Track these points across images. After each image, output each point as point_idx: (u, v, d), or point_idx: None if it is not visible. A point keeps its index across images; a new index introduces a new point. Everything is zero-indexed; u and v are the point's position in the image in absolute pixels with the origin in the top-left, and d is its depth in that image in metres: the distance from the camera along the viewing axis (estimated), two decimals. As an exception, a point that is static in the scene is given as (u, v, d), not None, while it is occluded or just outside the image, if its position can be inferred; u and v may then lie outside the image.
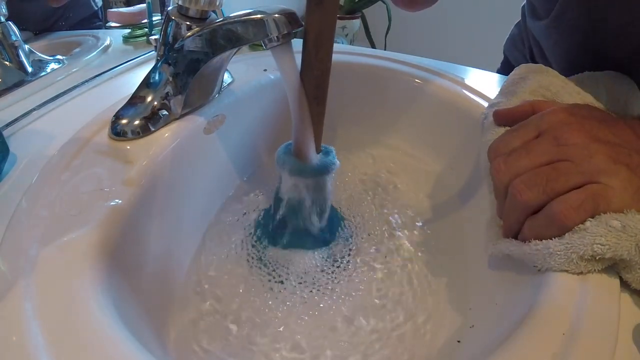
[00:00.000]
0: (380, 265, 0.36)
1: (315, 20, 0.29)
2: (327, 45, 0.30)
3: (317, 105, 0.32)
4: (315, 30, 0.29)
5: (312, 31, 0.29)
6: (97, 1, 0.50)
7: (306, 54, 0.30)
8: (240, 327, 0.30)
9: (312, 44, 0.29)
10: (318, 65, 0.30)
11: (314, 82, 0.31)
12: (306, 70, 0.30)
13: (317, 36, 0.29)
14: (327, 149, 0.35)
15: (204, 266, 0.34)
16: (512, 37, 0.58)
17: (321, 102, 0.32)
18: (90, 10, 0.50)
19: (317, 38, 0.29)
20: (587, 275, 0.23)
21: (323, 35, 0.29)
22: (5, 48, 0.38)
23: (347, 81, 0.48)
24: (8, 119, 0.34)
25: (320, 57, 0.30)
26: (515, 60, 0.56)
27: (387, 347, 0.30)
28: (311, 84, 0.31)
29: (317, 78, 0.31)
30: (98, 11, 0.50)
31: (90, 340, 0.19)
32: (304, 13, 0.29)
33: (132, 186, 0.28)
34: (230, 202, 0.41)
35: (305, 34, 0.29)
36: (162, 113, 0.33)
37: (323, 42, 0.29)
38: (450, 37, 1.63)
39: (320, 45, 0.29)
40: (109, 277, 0.23)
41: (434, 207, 0.42)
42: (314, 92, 0.31)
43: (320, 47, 0.30)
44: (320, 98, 0.32)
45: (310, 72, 0.30)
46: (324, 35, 0.29)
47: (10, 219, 0.24)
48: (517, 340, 0.21)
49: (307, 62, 0.30)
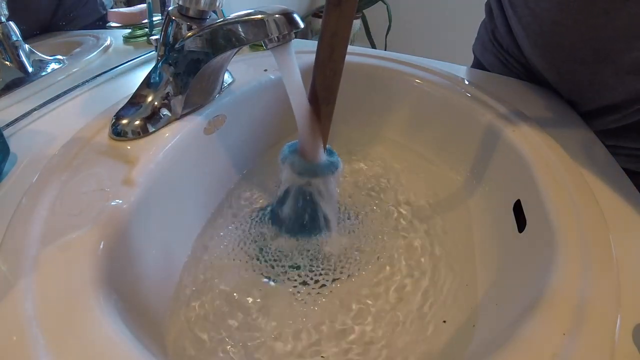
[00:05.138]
0: (387, 256, 0.36)
1: (332, 22, 0.29)
2: (342, 47, 0.30)
3: (326, 105, 0.32)
4: (331, 31, 0.29)
5: (328, 32, 0.29)
6: (107, 5, 0.50)
7: (320, 54, 0.30)
8: (241, 324, 0.30)
9: (327, 45, 0.29)
10: (331, 66, 0.30)
11: (325, 82, 0.31)
12: (319, 70, 0.30)
13: (333, 37, 0.29)
14: (329, 149, 0.35)
15: (204, 265, 0.34)
16: (481, 38, 0.57)
17: (331, 102, 0.32)
18: (97, 14, 0.50)
19: (333, 39, 0.29)
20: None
21: (339, 37, 0.29)
22: (6, 48, 0.38)
23: (347, 81, 0.48)
24: (8, 119, 0.34)
25: (334, 58, 0.30)
26: (488, 62, 0.55)
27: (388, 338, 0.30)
28: (322, 84, 0.31)
29: (329, 79, 0.31)
30: (105, 15, 0.50)
31: (90, 340, 0.19)
32: (302, 12, 0.29)
33: (132, 186, 0.28)
34: (230, 202, 0.41)
35: (322, 34, 0.29)
36: (162, 113, 0.33)
37: (338, 43, 0.29)
38: (450, 37, 1.63)
39: (336, 46, 0.29)
40: (109, 277, 0.23)
41: (435, 202, 0.42)
42: (324, 92, 0.31)
43: (335, 48, 0.29)
44: (330, 98, 0.32)
45: (322, 73, 0.30)
46: (340, 37, 0.29)
47: (10, 219, 0.25)
48: (517, 341, 0.21)
49: (320, 62, 0.30)
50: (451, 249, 0.37)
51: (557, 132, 0.38)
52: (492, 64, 0.54)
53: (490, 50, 0.54)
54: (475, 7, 1.53)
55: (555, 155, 0.34)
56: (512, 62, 0.50)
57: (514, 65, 0.50)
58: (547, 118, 0.41)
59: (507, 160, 0.37)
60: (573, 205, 0.29)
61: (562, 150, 0.35)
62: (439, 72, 0.48)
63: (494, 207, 0.38)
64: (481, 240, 0.37)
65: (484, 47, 0.55)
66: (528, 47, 0.46)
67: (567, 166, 0.33)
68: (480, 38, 0.57)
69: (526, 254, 0.30)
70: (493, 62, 0.54)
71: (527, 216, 0.32)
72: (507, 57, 0.51)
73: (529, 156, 0.34)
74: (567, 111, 0.43)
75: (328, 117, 0.32)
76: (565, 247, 0.26)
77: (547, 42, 0.43)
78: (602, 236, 0.27)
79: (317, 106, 0.31)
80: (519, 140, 0.36)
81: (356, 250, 0.37)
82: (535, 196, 0.31)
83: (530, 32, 0.44)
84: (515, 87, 0.47)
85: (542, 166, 0.33)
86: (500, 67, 0.53)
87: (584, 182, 0.31)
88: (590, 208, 0.29)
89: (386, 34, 1.53)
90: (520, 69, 0.50)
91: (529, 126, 0.38)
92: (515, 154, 0.36)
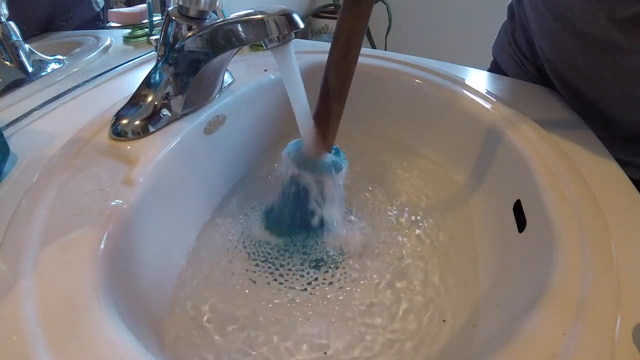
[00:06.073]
0: (390, 252, 0.36)
1: (349, 22, 0.28)
2: (357, 47, 0.30)
3: (337, 103, 0.32)
4: (348, 31, 0.29)
5: (344, 31, 0.29)
6: (99, 2, 0.50)
7: (335, 53, 0.30)
8: (241, 323, 0.30)
9: (343, 45, 0.29)
10: (345, 65, 0.30)
11: (338, 81, 0.31)
12: (332, 69, 0.30)
13: (349, 37, 0.29)
14: (336, 149, 0.35)
15: (204, 264, 0.34)
16: (500, 40, 0.57)
17: (342, 100, 0.32)
18: (92, 12, 0.50)
19: (349, 39, 0.29)
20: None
21: (355, 37, 0.29)
22: (6, 48, 0.38)
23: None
24: (9, 119, 0.34)
25: (348, 59, 0.30)
26: (505, 64, 0.56)
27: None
28: (335, 82, 0.31)
29: (342, 78, 0.31)
30: (100, 13, 0.50)
31: (90, 340, 0.19)
32: (302, 12, 0.29)
33: (133, 186, 0.28)
34: (229, 201, 0.41)
35: (337, 33, 0.29)
36: (162, 113, 0.33)
37: (354, 43, 0.29)
38: (450, 37, 1.63)
39: (351, 46, 0.29)
40: (109, 277, 0.23)
41: (436, 202, 0.42)
42: (337, 91, 0.31)
43: (351, 48, 0.29)
44: (342, 97, 0.32)
45: (336, 72, 0.30)
46: (356, 37, 0.29)
47: (10, 219, 0.24)
48: (518, 341, 0.21)
49: (335, 62, 0.30)
50: (451, 249, 0.37)
51: (557, 132, 0.38)
52: (508, 64, 0.54)
53: (507, 52, 0.55)
54: (476, 7, 1.54)
55: (555, 156, 0.34)
56: (527, 65, 0.51)
57: (527, 69, 0.51)
58: (547, 118, 0.41)
59: (507, 161, 0.37)
60: (573, 205, 0.29)
61: (562, 151, 0.35)
62: (439, 72, 0.48)
63: (494, 207, 0.38)
64: (481, 240, 0.37)
65: (502, 48, 0.56)
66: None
67: (567, 166, 0.33)
68: (499, 39, 0.58)
69: (526, 254, 0.30)
70: (509, 63, 0.54)
71: (527, 216, 0.32)
72: (522, 59, 0.51)
73: (529, 156, 0.34)
74: (567, 112, 0.43)
75: (338, 115, 0.33)
76: (565, 247, 0.26)
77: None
78: (602, 236, 0.27)
79: (328, 104, 0.31)
80: (519, 140, 0.36)
81: (355, 250, 0.37)
82: (535, 196, 0.31)
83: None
84: (516, 88, 0.47)
85: (542, 166, 0.33)
86: (516, 69, 0.53)
87: (584, 182, 0.31)
88: (590, 208, 0.29)
89: (386, 34, 1.52)
90: (534, 72, 0.50)
91: (529, 126, 0.38)
92: (515, 154, 0.36)
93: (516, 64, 0.53)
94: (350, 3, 0.28)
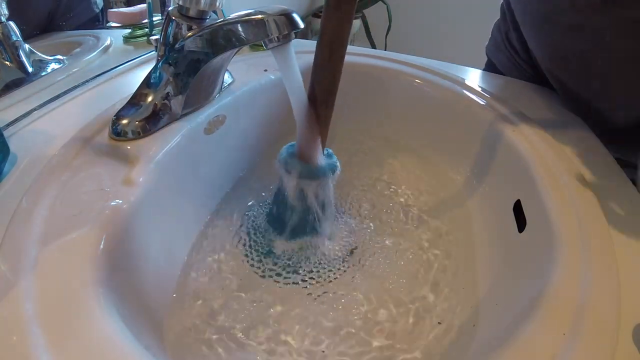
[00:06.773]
0: (387, 254, 0.36)
1: (331, 24, 0.29)
2: (341, 50, 0.30)
3: (325, 108, 0.32)
4: (330, 34, 0.29)
5: (327, 35, 0.29)
6: (99, 3, 0.50)
7: (319, 56, 0.30)
8: (240, 323, 0.30)
9: (326, 48, 0.29)
10: (330, 69, 0.30)
11: (324, 85, 0.31)
12: (317, 72, 0.30)
13: (332, 40, 0.29)
14: (328, 152, 0.35)
15: (204, 264, 0.34)
16: (494, 39, 0.57)
17: (330, 105, 0.32)
18: (92, 13, 0.50)
19: (332, 42, 0.29)
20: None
21: (338, 40, 0.29)
22: (6, 48, 0.38)
23: (347, 81, 0.48)
24: (9, 118, 0.34)
25: (333, 61, 0.30)
26: (500, 63, 0.55)
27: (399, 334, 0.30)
28: (321, 86, 0.30)
29: (328, 81, 0.31)
30: (99, 14, 0.50)
31: (90, 340, 0.19)
32: (302, 12, 0.29)
33: (132, 186, 0.28)
34: (229, 201, 0.41)
35: (320, 37, 0.29)
36: (162, 113, 0.33)
37: (337, 46, 0.29)
38: (450, 37, 1.63)
39: (335, 49, 0.29)
40: (109, 277, 0.23)
41: (435, 204, 0.42)
42: (324, 95, 0.31)
43: (334, 51, 0.29)
44: (330, 101, 0.32)
45: (321, 75, 0.30)
46: (339, 40, 0.29)
47: (10, 219, 0.25)
48: (517, 341, 0.21)
49: (319, 65, 0.30)
50: (451, 249, 0.37)
51: (557, 132, 0.38)
52: (504, 64, 0.54)
53: (502, 51, 0.54)
54: (476, 7, 1.53)
55: (555, 156, 0.34)
56: (523, 64, 0.51)
57: (523, 68, 0.51)
58: (547, 118, 0.41)
59: (507, 161, 0.37)
60: (573, 205, 0.29)
61: (562, 151, 0.35)
62: (439, 72, 0.48)
63: (494, 207, 0.38)
64: (481, 240, 0.37)
65: (497, 47, 0.56)
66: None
67: (567, 166, 0.33)
68: (493, 39, 0.57)
69: (526, 254, 0.30)
70: (504, 63, 0.54)
71: (527, 216, 0.32)
72: (517, 58, 0.51)
73: (529, 156, 0.34)
74: (567, 112, 0.43)
75: (326, 120, 0.32)
76: (565, 247, 0.26)
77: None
78: (602, 236, 0.27)
79: (315, 109, 0.31)
80: (519, 140, 0.36)
81: (354, 250, 0.37)
82: (535, 196, 0.31)
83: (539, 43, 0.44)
84: (516, 88, 0.47)
85: (542, 166, 0.33)
86: (511, 68, 0.53)
87: (584, 182, 0.31)
88: (590, 208, 0.29)
89: (386, 34, 1.52)
90: (530, 71, 0.50)
91: (529, 126, 0.38)
92: (515, 154, 0.36)
93: (512, 64, 0.53)
94: (331, 6, 0.28)
